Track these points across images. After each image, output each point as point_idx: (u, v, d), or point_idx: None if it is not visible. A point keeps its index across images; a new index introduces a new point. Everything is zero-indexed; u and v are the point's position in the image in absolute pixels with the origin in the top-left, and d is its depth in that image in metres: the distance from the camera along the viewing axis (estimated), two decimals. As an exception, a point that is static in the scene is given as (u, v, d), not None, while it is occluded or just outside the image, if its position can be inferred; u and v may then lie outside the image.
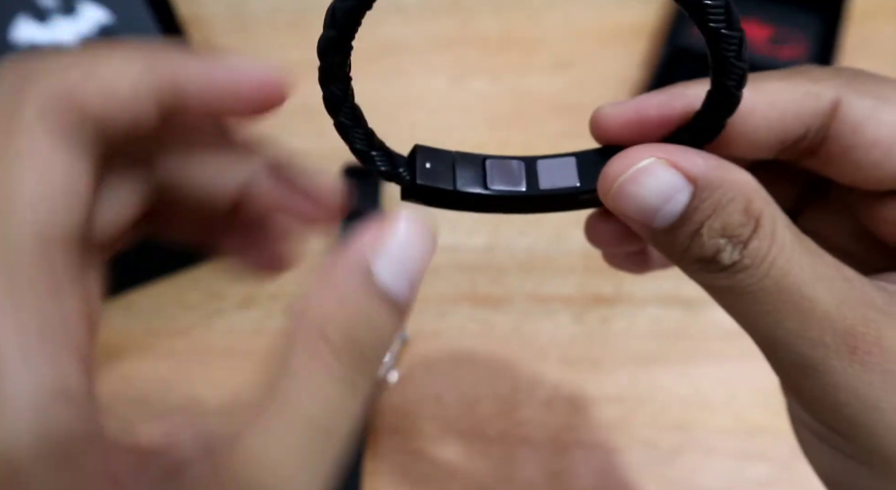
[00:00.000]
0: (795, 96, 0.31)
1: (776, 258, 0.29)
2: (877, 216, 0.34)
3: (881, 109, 0.31)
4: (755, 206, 0.29)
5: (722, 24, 0.26)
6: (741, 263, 0.30)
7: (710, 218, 0.29)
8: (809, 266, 0.30)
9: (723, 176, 0.29)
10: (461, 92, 0.76)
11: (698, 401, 0.62)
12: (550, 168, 0.33)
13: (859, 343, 0.29)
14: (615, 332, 0.65)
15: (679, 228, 0.30)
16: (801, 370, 0.30)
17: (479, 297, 0.66)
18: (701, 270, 0.31)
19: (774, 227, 0.30)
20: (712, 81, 0.29)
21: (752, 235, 0.29)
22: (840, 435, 0.31)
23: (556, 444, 0.61)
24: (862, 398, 0.29)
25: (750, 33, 0.73)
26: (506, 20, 0.79)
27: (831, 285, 0.30)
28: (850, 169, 0.32)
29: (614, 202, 0.30)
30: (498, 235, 0.68)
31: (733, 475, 0.60)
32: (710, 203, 0.29)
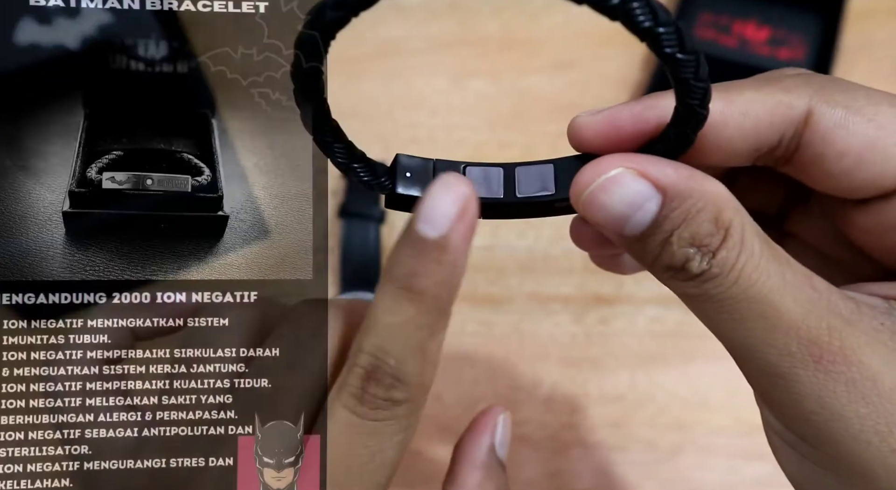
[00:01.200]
0: (768, 106, 0.31)
1: (744, 267, 0.30)
2: (852, 223, 0.34)
3: (851, 119, 0.31)
4: (725, 215, 0.30)
5: (675, 48, 0.26)
6: (710, 272, 0.30)
7: (679, 227, 0.30)
8: (777, 275, 0.30)
9: (692, 186, 0.30)
10: (461, 92, 0.75)
11: (698, 400, 0.62)
12: (528, 175, 0.34)
13: (824, 353, 0.29)
14: (615, 332, 0.65)
15: (649, 237, 0.30)
16: (769, 378, 0.31)
17: (479, 297, 0.66)
18: (671, 278, 0.31)
19: (743, 236, 0.30)
20: (677, 100, 0.29)
21: (720, 245, 0.30)
22: (807, 442, 0.31)
23: (556, 443, 0.61)
24: (827, 407, 0.30)
25: (748, 34, 0.73)
26: (506, 20, 0.79)
27: (798, 295, 0.30)
28: (822, 177, 0.33)
29: (585, 210, 0.31)
30: (498, 235, 0.68)
31: (733, 475, 0.60)
32: (679, 212, 0.30)
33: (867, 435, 0.29)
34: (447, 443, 0.60)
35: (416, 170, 0.33)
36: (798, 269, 0.30)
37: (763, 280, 0.30)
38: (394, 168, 0.33)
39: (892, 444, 0.29)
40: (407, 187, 0.33)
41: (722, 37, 0.73)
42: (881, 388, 0.29)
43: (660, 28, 0.25)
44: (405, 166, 0.33)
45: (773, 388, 0.31)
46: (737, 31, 0.73)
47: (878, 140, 0.31)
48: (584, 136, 0.33)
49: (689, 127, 0.30)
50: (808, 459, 0.32)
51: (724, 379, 0.63)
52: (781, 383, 0.30)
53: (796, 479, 0.34)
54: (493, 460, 0.40)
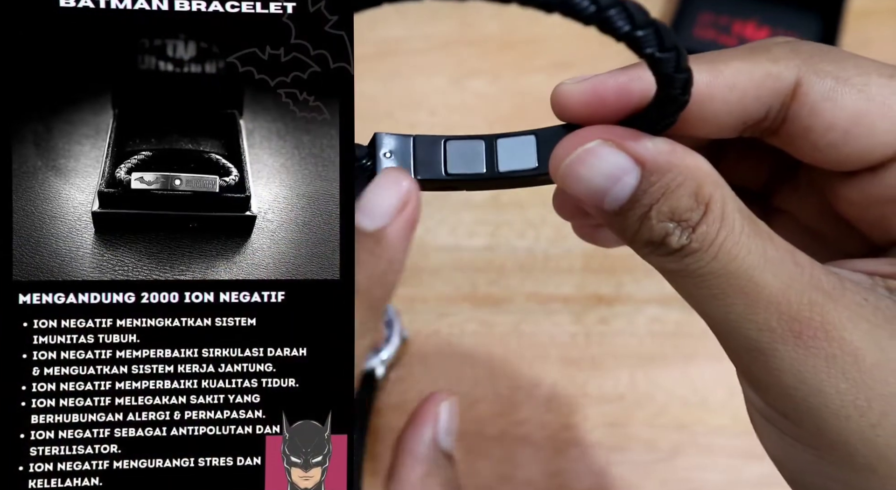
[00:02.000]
0: (755, 78, 0.31)
1: (724, 242, 0.30)
2: (839, 195, 0.34)
3: (840, 91, 0.31)
4: (705, 190, 0.30)
5: (655, 48, 0.26)
6: (689, 247, 0.30)
7: (658, 201, 0.30)
8: (758, 250, 0.30)
9: (672, 160, 0.30)
10: (461, 92, 0.76)
11: (698, 400, 0.63)
12: (510, 148, 0.34)
13: (804, 328, 0.29)
14: (615, 332, 0.65)
15: (628, 211, 0.30)
16: (750, 354, 0.31)
17: (479, 297, 0.66)
18: (651, 253, 0.31)
19: (724, 211, 0.30)
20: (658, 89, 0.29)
21: (700, 220, 0.30)
22: (787, 418, 0.31)
23: (556, 443, 0.61)
24: (807, 382, 0.30)
25: (748, 34, 0.73)
26: (506, 20, 0.79)
27: (779, 269, 0.30)
28: (809, 149, 0.33)
29: (563, 183, 0.31)
30: (498, 235, 0.68)
31: (733, 475, 0.60)
32: (658, 186, 0.30)
33: (847, 410, 0.30)
34: (447, 442, 0.60)
35: (396, 149, 0.33)
36: (780, 244, 0.31)
37: (743, 255, 0.30)
38: (373, 148, 0.33)
39: (871, 419, 0.30)
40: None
41: (722, 37, 0.73)
42: (861, 363, 0.29)
43: (638, 31, 0.26)
44: (385, 146, 0.33)
45: (754, 363, 0.31)
46: (737, 31, 0.73)
47: (866, 113, 0.31)
48: (567, 104, 0.32)
49: (671, 109, 0.30)
50: (788, 435, 0.32)
51: (724, 379, 0.63)
52: (762, 359, 0.30)
53: (777, 456, 0.35)
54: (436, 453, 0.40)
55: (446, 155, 0.34)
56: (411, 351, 0.64)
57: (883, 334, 0.30)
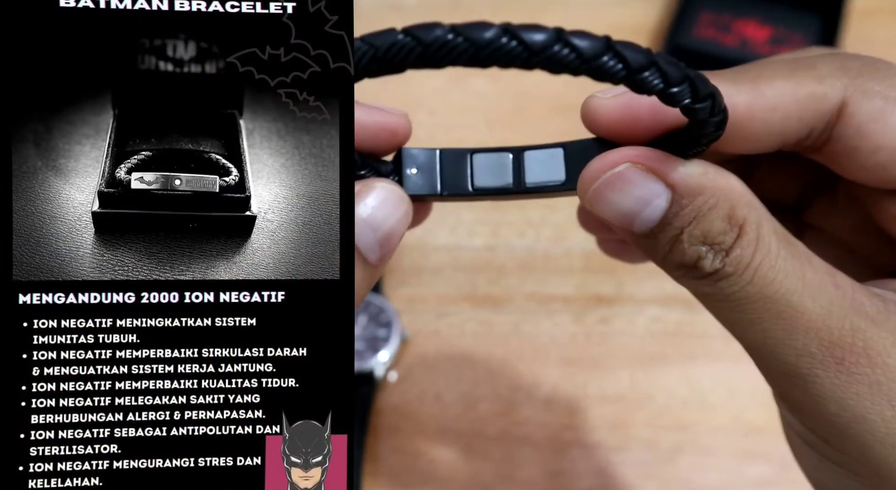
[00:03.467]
0: (799, 99, 0.30)
1: (759, 266, 0.29)
2: (884, 210, 0.33)
3: (888, 112, 0.30)
4: (739, 212, 0.29)
5: (690, 100, 0.26)
6: (723, 271, 0.29)
7: (690, 225, 0.29)
8: (796, 273, 0.29)
9: (703, 182, 0.29)
10: (461, 92, 0.76)
11: (698, 401, 0.63)
12: (538, 160, 0.33)
13: (846, 354, 0.29)
14: (615, 332, 0.65)
15: (659, 234, 0.30)
16: (789, 379, 0.30)
17: (479, 297, 0.66)
18: (683, 276, 0.31)
19: (759, 233, 0.29)
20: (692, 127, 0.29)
21: (734, 243, 0.29)
22: (829, 444, 0.31)
23: (556, 443, 0.61)
24: (850, 409, 0.29)
25: (749, 33, 0.73)
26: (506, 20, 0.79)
27: (818, 293, 0.29)
28: (854, 168, 0.32)
29: (592, 206, 0.30)
30: (498, 235, 0.68)
31: (733, 475, 0.60)
32: (690, 209, 0.29)
33: (893, 438, 0.29)
34: (447, 443, 0.60)
35: (422, 164, 0.33)
36: (819, 266, 0.30)
37: (780, 279, 0.29)
38: (398, 164, 0.33)
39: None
40: (414, 187, 0.33)
41: (723, 36, 0.73)
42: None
43: (672, 89, 0.25)
44: (410, 161, 0.33)
45: (793, 388, 0.30)
46: (737, 30, 0.73)
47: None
48: (598, 119, 0.32)
49: (703, 142, 0.29)
50: (829, 460, 0.32)
51: (724, 379, 0.63)
52: (801, 384, 0.30)
53: (817, 480, 0.34)
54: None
55: (472, 168, 0.33)
56: (411, 351, 0.64)
57: None
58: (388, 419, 0.62)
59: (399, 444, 0.61)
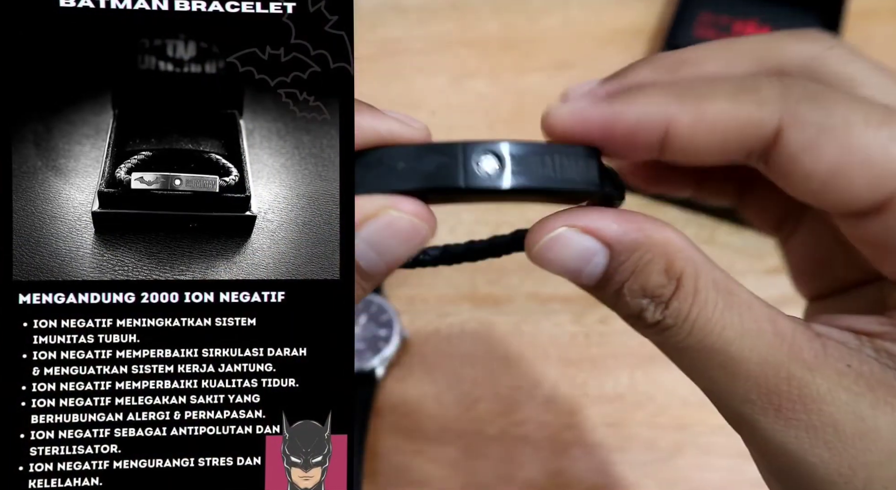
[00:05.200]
0: (738, 121, 0.31)
1: (697, 318, 0.30)
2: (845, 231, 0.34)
3: (821, 142, 0.30)
4: (676, 266, 0.30)
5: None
6: (664, 323, 0.31)
7: (629, 279, 0.31)
8: (734, 324, 0.30)
9: (639, 238, 0.30)
10: (461, 92, 0.76)
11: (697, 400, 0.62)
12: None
13: (783, 401, 0.30)
14: (615, 332, 0.65)
15: (604, 287, 0.31)
16: (737, 423, 0.32)
17: (479, 297, 0.66)
18: (633, 324, 0.32)
19: (696, 286, 0.30)
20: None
21: (672, 296, 0.30)
22: (781, 483, 0.32)
23: (556, 443, 0.61)
24: (791, 453, 0.30)
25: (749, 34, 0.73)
26: (506, 20, 0.79)
27: (756, 342, 0.30)
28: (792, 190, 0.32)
29: (539, 265, 0.32)
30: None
31: (732, 475, 0.60)
32: (628, 265, 0.30)
33: (832, 477, 0.30)
34: (447, 443, 0.60)
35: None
36: (759, 313, 0.31)
37: (718, 330, 0.30)
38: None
39: (856, 486, 0.30)
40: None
41: (722, 36, 0.73)
42: (842, 434, 0.30)
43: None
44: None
45: (741, 430, 0.32)
46: (737, 30, 0.73)
47: (845, 165, 0.30)
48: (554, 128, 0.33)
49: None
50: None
51: (723, 379, 0.63)
52: (747, 428, 0.31)
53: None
54: None
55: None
56: (411, 351, 0.64)
57: (864, 403, 0.30)
58: (388, 419, 0.62)
59: (399, 444, 0.61)
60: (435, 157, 0.30)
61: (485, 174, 0.30)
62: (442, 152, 0.30)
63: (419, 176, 0.30)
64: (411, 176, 0.30)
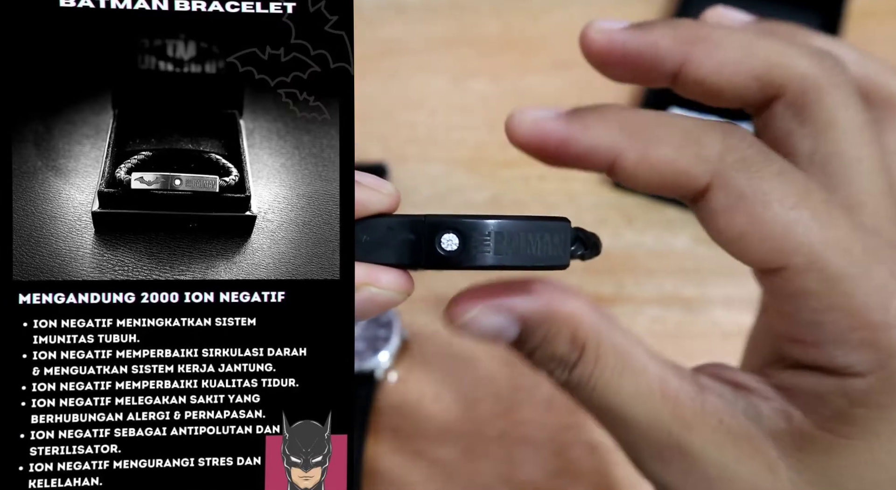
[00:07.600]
0: (676, 170, 0.32)
1: (597, 381, 0.35)
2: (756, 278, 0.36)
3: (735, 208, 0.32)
4: (580, 335, 0.35)
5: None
6: (570, 383, 0.35)
7: (539, 347, 0.35)
8: (629, 387, 0.35)
9: (547, 313, 0.35)
10: (461, 92, 0.76)
11: (698, 400, 0.62)
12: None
13: (664, 450, 0.35)
14: (615, 333, 0.65)
15: (518, 350, 0.36)
16: (635, 464, 0.37)
17: (479, 297, 0.66)
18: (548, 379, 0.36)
19: (598, 352, 0.35)
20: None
21: (577, 362, 0.35)
22: None
23: (556, 444, 0.61)
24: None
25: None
26: (506, 20, 0.79)
27: (646, 404, 0.35)
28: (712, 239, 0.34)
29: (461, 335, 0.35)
30: (498, 235, 0.68)
31: (733, 475, 0.60)
32: (538, 335, 0.35)
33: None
34: (447, 443, 0.60)
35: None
36: (652, 376, 0.35)
37: (615, 392, 0.35)
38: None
39: None
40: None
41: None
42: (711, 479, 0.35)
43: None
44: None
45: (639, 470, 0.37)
46: (737, 31, 0.73)
47: (748, 234, 0.32)
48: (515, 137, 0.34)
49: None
50: None
51: (724, 379, 0.63)
52: (642, 470, 0.37)
53: None
54: None
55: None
56: (411, 351, 0.64)
57: (728, 457, 0.34)
58: (388, 419, 0.62)
59: (399, 445, 0.61)
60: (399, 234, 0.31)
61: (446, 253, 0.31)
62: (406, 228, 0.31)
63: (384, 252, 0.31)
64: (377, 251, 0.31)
